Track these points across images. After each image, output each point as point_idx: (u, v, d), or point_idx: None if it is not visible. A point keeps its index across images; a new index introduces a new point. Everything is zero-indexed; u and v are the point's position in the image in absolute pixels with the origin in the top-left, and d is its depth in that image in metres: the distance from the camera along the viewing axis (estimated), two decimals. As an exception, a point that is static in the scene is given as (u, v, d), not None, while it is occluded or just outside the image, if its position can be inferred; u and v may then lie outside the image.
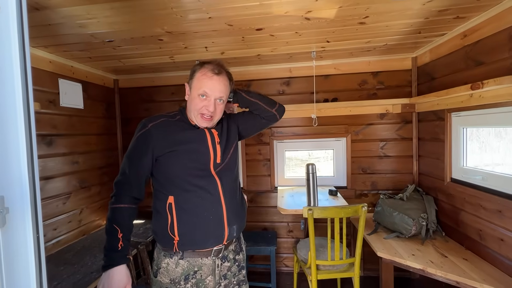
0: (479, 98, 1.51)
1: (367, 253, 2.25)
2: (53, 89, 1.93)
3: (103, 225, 2.37)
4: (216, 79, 1.00)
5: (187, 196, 0.97)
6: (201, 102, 1.00)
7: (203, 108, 1.00)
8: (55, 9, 1.27)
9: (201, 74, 1.00)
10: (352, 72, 2.36)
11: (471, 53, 1.61)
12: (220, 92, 1.01)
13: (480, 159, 1.71)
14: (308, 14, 1.42)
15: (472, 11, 1.45)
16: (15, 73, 0.40)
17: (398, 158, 2.34)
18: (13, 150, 0.40)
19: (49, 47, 1.77)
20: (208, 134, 1.05)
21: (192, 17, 1.40)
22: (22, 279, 0.40)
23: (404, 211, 1.84)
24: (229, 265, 1.05)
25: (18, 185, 0.41)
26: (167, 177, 0.99)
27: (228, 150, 1.09)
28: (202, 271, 0.99)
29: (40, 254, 0.42)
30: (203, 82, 0.99)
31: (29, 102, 0.41)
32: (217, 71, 1.00)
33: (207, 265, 1.00)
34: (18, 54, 0.39)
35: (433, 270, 1.47)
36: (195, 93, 1.00)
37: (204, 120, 1.02)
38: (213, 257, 1.00)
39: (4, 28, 0.39)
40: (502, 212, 1.41)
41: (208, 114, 1.01)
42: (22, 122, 0.41)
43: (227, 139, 1.10)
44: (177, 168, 0.98)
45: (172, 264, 0.99)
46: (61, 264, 1.63)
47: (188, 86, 1.05)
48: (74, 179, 2.08)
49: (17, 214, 0.41)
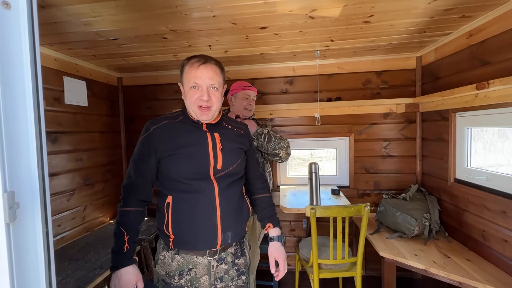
0: (485, 98, 1.49)
1: (369, 253, 2.25)
2: (58, 86, 1.95)
3: (107, 222, 2.40)
4: (203, 67, 0.98)
5: (183, 197, 0.98)
6: (194, 94, 0.99)
7: (197, 99, 0.99)
8: (61, 7, 1.28)
9: (188, 67, 1.00)
10: (356, 71, 2.35)
11: (476, 52, 1.60)
12: (210, 79, 0.99)
13: (484, 159, 1.69)
14: (312, 13, 1.42)
15: (478, 10, 1.43)
16: (25, 71, 0.40)
17: (401, 158, 2.33)
18: (24, 147, 0.41)
19: (54, 45, 1.78)
20: (210, 138, 1.03)
21: (196, 15, 1.40)
22: (32, 273, 0.41)
23: (407, 211, 1.83)
24: (226, 268, 1.05)
25: (28, 180, 0.42)
26: (167, 177, 1.00)
27: (235, 159, 1.06)
28: (197, 269, 1.00)
29: (50, 248, 0.42)
30: (191, 73, 0.99)
31: (39, 100, 0.42)
32: (203, 60, 1.00)
33: (202, 264, 1.01)
34: (29, 52, 0.39)
35: (436, 271, 1.46)
36: (187, 87, 1.00)
37: (203, 112, 1.00)
38: (208, 257, 1.00)
39: (15, 26, 0.40)
40: (506, 213, 1.40)
41: (204, 103, 0.99)
42: (32, 119, 0.41)
43: (231, 149, 1.06)
44: (176, 170, 0.98)
45: (169, 257, 1.01)
46: (66, 260, 1.65)
47: (181, 85, 1.05)
48: (78, 176, 2.10)
49: (27, 209, 0.41)
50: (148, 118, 1.06)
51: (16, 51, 0.40)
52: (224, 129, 1.10)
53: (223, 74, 1.06)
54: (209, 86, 0.99)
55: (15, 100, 0.40)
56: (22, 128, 0.40)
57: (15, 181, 0.40)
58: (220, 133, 1.06)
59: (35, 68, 0.41)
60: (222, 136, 1.06)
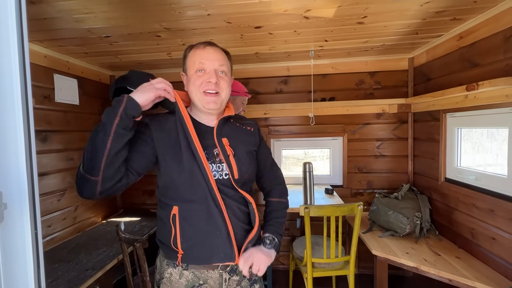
0: (474, 99, 1.53)
1: (362, 251, 2.28)
2: (48, 84, 1.91)
3: (98, 222, 2.36)
4: (209, 48, 0.87)
5: (192, 208, 0.86)
6: (199, 78, 0.86)
7: (204, 83, 0.85)
8: (51, 3, 1.25)
9: (193, 50, 0.89)
10: (349, 72, 2.37)
11: (466, 54, 1.63)
12: (218, 61, 0.87)
13: (473, 159, 1.73)
14: (307, 13, 1.42)
15: (468, 13, 1.46)
16: (13, 68, 0.39)
17: (393, 158, 2.37)
18: (12, 146, 0.40)
19: (44, 41, 1.74)
20: (219, 148, 0.88)
21: (190, 13, 1.39)
22: (20, 276, 0.40)
23: (399, 210, 1.86)
24: (238, 279, 0.94)
25: (16, 181, 0.41)
26: (169, 185, 0.88)
27: (249, 162, 0.93)
28: (208, 284, 0.90)
29: (38, 250, 0.41)
30: (197, 55, 0.87)
31: (27, 98, 0.41)
32: (209, 43, 0.89)
33: (213, 278, 0.90)
34: (17, 48, 0.38)
35: (427, 268, 1.49)
36: (192, 71, 0.88)
37: (210, 98, 0.86)
38: (220, 270, 0.90)
39: (2, 21, 0.39)
40: (494, 211, 1.43)
41: (212, 87, 0.85)
42: (21, 117, 0.40)
43: (242, 154, 0.92)
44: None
45: (176, 274, 0.90)
46: (56, 262, 1.62)
47: (183, 75, 0.93)
48: (69, 176, 2.06)
49: (15, 210, 0.40)
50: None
51: (3, 47, 0.39)
52: (232, 123, 0.97)
53: (231, 63, 0.94)
54: (217, 69, 0.87)
55: (2, 98, 0.39)
56: (10, 127, 0.39)
57: (2, 181, 0.38)
58: (226, 132, 0.93)
59: (24, 65, 0.40)
60: (229, 133, 0.93)
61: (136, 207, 2.68)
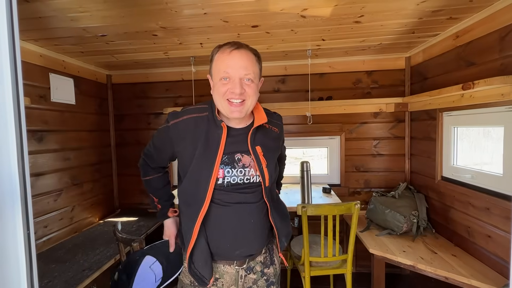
0: (470, 98, 1.54)
1: (360, 250, 2.28)
2: (44, 84, 1.89)
3: (96, 222, 2.35)
4: (236, 53, 0.84)
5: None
6: (224, 86, 0.84)
7: (227, 92, 0.83)
8: (46, 1, 1.24)
9: (219, 54, 0.86)
10: (346, 71, 2.38)
11: (463, 53, 1.64)
12: (245, 69, 0.83)
13: (469, 158, 1.74)
14: (304, 12, 1.42)
15: (464, 12, 1.47)
16: (4, 66, 0.39)
17: (390, 157, 2.38)
18: (3, 146, 0.39)
19: (39, 40, 1.73)
20: (254, 159, 0.89)
21: (187, 12, 1.38)
22: (12, 277, 0.39)
23: (396, 209, 1.87)
24: (255, 278, 0.96)
25: (8, 181, 0.40)
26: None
27: (276, 168, 0.97)
28: (224, 279, 0.93)
29: (31, 251, 0.41)
30: (222, 61, 0.84)
31: (19, 97, 0.40)
32: (236, 45, 0.85)
33: (230, 274, 0.93)
34: (8, 46, 0.38)
35: (423, 266, 1.50)
36: (217, 79, 0.86)
37: (234, 108, 0.84)
38: (236, 266, 0.93)
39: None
40: (490, 209, 1.44)
41: (236, 97, 0.83)
42: (12, 117, 0.39)
43: (271, 163, 0.94)
44: None
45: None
46: (52, 262, 1.61)
47: (210, 78, 0.91)
48: (65, 176, 2.05)
49: (6, 210, 0.40)
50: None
51: (-6, 45, 0.38)
52: (262, 128, 0.96)
53: (260, 64, 0.91)
54: (243, 77, 0.84)
55: (-7, 97, 0.38)
56: (1, 126, 0.39)
57: (-7, 181, 0.38)
58: (259, 142, 0.92)
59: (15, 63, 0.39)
60: (261, 141, 0.93)
61: (133, 207, 2.67)
